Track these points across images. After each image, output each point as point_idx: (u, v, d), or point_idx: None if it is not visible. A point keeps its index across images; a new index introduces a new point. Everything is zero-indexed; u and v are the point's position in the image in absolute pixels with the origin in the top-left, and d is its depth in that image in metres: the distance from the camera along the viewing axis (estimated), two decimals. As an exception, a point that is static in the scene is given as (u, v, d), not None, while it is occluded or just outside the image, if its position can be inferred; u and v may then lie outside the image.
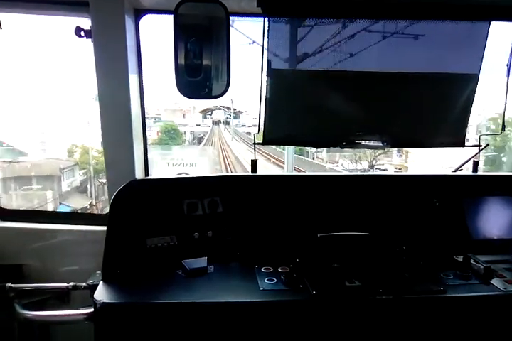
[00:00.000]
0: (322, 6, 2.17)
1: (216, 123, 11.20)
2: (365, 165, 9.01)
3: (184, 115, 10.92)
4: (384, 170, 9.12)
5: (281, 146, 6.77)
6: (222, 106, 10.92)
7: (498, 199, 2.42)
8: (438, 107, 2.47)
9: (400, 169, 9.39)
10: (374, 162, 9.02)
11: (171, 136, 9.24)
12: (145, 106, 2.53)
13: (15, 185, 8.36)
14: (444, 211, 2.34)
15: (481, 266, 2.01)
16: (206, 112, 10.99)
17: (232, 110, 10.68)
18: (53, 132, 9.27)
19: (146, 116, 2.60)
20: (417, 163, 8.48)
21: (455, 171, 2.71)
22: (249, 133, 8.95)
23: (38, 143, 9.35)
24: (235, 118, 10.87)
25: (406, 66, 2.35)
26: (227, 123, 11.10)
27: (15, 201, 7.94)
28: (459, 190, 2.41)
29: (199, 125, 10.90)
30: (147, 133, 2.62)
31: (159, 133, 9.43)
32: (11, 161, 8.45)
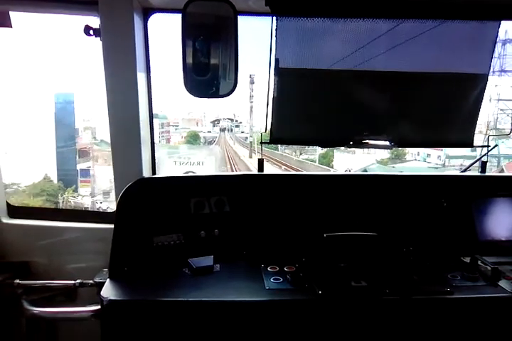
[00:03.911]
0: (331, 6, 2.17)
1: (223, 130, 15.08)
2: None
3: (197, 123, 14.82)
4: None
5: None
6: (228, 118, 15.12)
7: (507, 200, 2.40)
8: (447, 107, 2.45)
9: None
10: (302, 151, 12.59)
11: (194, 138, 13.96)
12: (153, 104, 2.53)
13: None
14: (451, 212, 2.32)
15: (489, 268, 2.00)
16: (215, 122, 15.02)
17: (234, 121, 15.10)
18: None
19: (166, 123, 2.63)
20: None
21: (463, 172, 2.69)
22: (246, 138, 13.54)
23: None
24: (236, 126, 15.03)
25: (415, 66, 2.34)
26: (231, 130, 15.15)
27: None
28: (467, 191, 2.39)
29: (210, 131, 14.83)
30: (173, 136, 2.66)
31: (183, 137, 14.00)
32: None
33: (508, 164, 9.47)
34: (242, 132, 14.91)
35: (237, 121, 14.91)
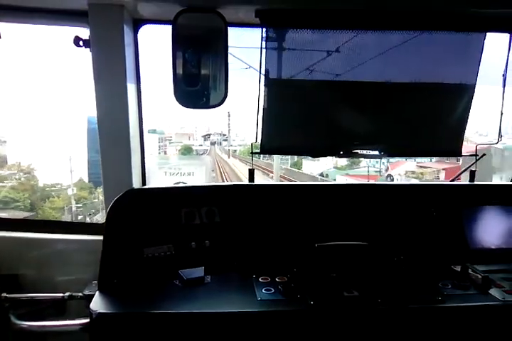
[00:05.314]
0: (320, 17, 2.19)
1: (213, 143, 17.09)
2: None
3: (189, 137, 16.57)
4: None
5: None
6: (217, 133, 17.21)
7: (496, 208, 2.43)
8: (435, 117, 2.48)
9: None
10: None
11: (187, 151, 15.63)
12: (143, 115, 2.52)
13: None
14: (441, 220, 2.34)
15: (479, 276, 2.01)
16: (206, 136, 16.95)
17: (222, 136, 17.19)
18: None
19: (164, 137, 2.62)
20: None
21: (452, 180, 2.71)
22: (234, 151, 16.14)
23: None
24: (224, 140, 17.07)
25: (404, 76, 2.37)
26: (220, 143, 17.36)
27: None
28: (457, 200, 2.41)
29: (201, 145, 16.64)
30: (168, 149, 2.65)
31: (177, 150, 15.53)
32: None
33: (392, 164, 11.54)
34: (231, 145, 17.07)
35: (225, 135, 16.93)
